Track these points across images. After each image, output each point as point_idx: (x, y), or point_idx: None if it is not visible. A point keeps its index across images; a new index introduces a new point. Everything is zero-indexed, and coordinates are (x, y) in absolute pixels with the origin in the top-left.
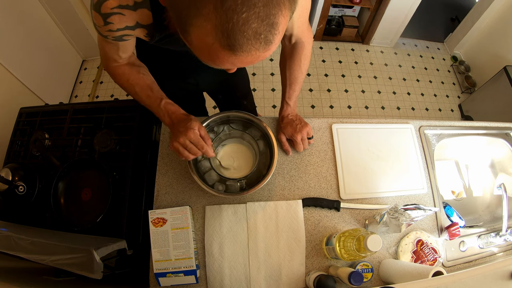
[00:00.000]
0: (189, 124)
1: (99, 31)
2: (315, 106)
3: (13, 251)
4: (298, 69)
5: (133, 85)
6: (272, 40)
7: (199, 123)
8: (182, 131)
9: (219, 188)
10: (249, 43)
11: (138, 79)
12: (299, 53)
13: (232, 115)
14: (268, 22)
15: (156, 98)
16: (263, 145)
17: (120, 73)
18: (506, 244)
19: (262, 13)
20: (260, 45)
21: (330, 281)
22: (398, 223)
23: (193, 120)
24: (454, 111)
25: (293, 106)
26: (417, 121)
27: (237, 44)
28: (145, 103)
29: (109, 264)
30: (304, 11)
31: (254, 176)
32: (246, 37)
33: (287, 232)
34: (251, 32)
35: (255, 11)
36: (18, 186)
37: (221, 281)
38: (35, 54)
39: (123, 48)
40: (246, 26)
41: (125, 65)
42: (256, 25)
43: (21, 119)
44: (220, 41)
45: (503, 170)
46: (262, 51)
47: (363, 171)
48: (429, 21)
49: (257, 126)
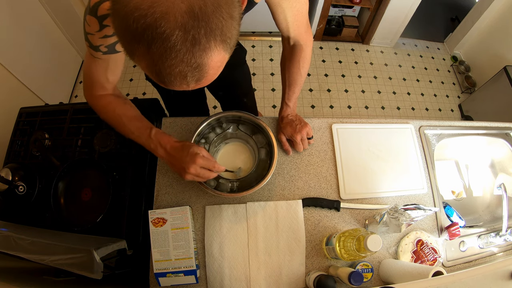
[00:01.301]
0: (191, 151)
1: (90, 41)
2: (315, 106)
3: (13, 251)
4: (297, 72)
5: (120, 116)
6: (202, 77)
7: (197, 145)
8: (188, 161)
9: (210, 183)
10: (177, 82)
11: (125, 110)
12: (297, 56)
13: (230, 115)
14: (193, 65)
15: (146, 128)
16: (262, 145)
17: (106, 103)
18: (506, 244)
19: (186, 57)
20: (190, 83)
21: (330, 281)
22: (398, 223)
23: (190, 145)
24: (454, 111)
25: (292, 107)
26: (417, 121)
27: (167, 81)
28: (134, 135)
29: (109, 264)
30: (298, 14)
31: (252, 177)
32: (173, 77)
33: (287, 232)
34: (177, 74)
35: (179, 56)
36: (18, 186)
37: (221, 281)
38: (35, 54)
39: (113, 66)
40: (171, 69)
41: (111, 95)
42: (181, 68)
43: (21, 119)
44: (154, 77)
45: (503, 170)
46: (194, 85)
47: (363, 171)
48: (429, 21)
49: (256, 126)
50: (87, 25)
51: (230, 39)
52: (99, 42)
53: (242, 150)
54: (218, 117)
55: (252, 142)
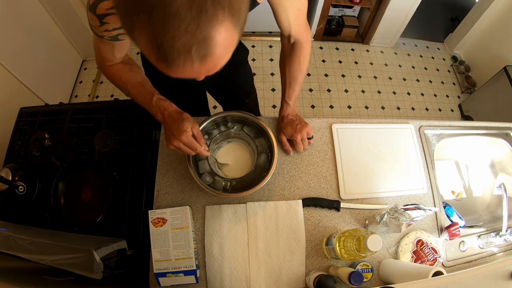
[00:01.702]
0: (181, 126)
1: (95, 31)
2: (315, 106)
3: (13, 251)
4: (298, 69)
5: (125, 83)
6: (208, 54)
7: (191, 123)
8: (175, 134)
9: (206, 179)
10: (180, 58)
11: (130, 77)
12: (298, 53)
13: (230, 115)
14: (198, 37)
15: (148, 94)
16: (262, 145)
17: (114, 71)
18: (506, 244)
19: (190, 27)
20: (195, 60)
21: (330, 281)
22: (398, 223)
23: (185, 120)
24: (454, 111)
25: (293, 106)
26: (417, 121)
27: (169, 59)
28: (138, 100)
29: (109, 264)
30: (299, 13)
31: (251, 178)
32: (176, 52)
33: (287, 232)
34: (180, 47)
35: (182, 25)
36: (18, 186)
37: (221, 281)
38: (35, 54)
39: (118, 48)
40: (173, 40)
41: (118, 64)
42: (185, 40)
43: (21, 119)
44: (155, 54)
45: (503, 170)
46: (199, 64)
47: (363, 171)
48: (429, 21)
49: (256, 126)
50: (89, 19)
51: (240, 14)
52: (102, 34)
53: (243, 150)
54: (224, 115)
55: (253, 142)
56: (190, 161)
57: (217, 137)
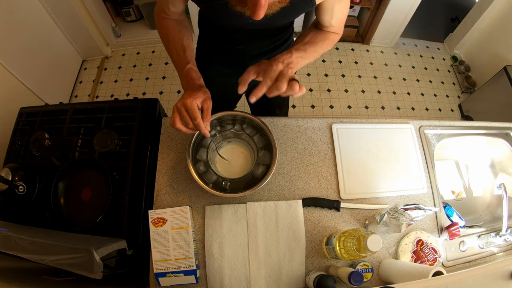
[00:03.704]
0: (194, 93)
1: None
2: (315, 106)
3: (13, 251)
4: (321, 40)
5: (170, 41)
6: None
7: (205, 96)
8: (185, 97)
9: (206, 179)
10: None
11: (176, 37)
12: (328, 34)
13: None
14: None
15: (184, 59)
16: (262, 144)
17: (165, 25)
18: (506, 244)
19: None
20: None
21: (330, 281)
22: (398, 223)
23: (201, 91)
24: (454, 111)
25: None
26: (417, 121)
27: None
28: (173, 60)
29: (109, 264)
30: (343, 19)
31: (250, 178)
32: None
33: (287, 232)
34: None
35: None
36: (18, 186)
37: (221, 281)
38: (35, 54)
39: (172, 1)
40: None
41: (171, 20)
42: None
43: (21, 119)
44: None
45: (503, 170)
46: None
47: (363, 171)
48: (429, 21)
49: (256, 125)
50: None
51: None
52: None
53: (243, 150)
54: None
55: (252, 142)
56: (190, 160)
57: (218, 137)
